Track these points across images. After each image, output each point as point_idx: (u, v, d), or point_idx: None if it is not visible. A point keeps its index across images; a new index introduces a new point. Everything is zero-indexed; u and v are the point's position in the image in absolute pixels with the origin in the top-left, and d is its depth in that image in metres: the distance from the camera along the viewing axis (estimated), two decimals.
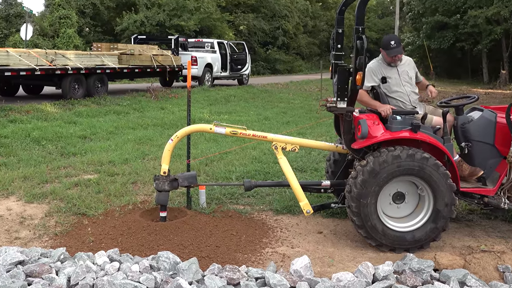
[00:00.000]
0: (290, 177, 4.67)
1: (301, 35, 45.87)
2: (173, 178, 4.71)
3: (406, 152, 4.27)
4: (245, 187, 4.94)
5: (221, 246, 4.34)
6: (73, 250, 4.18)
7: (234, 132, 4.79)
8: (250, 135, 4.82)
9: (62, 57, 13.70)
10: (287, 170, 4.70)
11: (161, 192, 4.67)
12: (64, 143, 8.50)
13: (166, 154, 4.69)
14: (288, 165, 4.74)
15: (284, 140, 4.84)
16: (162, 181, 4.66)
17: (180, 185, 4.76)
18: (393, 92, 4.90)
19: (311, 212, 4.63)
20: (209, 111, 13.66)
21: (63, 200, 5.54)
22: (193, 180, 4.79)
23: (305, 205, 4.62)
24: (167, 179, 4.67)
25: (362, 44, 4.21)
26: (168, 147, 4.70)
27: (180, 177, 4.74)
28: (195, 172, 4.91)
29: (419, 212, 4.47)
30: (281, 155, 4.79)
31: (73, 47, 26.69)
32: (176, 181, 4.73)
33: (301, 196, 4.63)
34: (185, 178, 4.76)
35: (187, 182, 4.77)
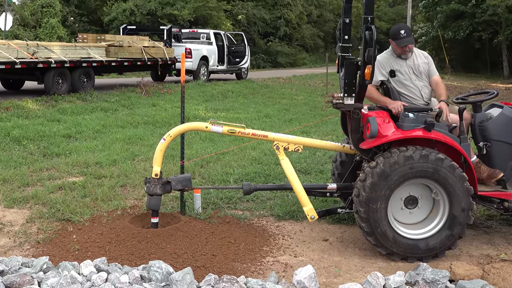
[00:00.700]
0: (293, 180, 4.68)
1: (305, 25, 45.89)
2: (165, 181, 4.72)
3: (419, 152, 4.27)
4: (244, 190, 4.94)
5: (217, 254, 4.34)
6: (56, 259, 4.18)
7: (232, 131, 4.80)
8: (249, 134, 4.83)
9: (45, 49, 13.70)
10: (289, 172, 4.70)
11: (152, 196, 4.67)
12: (46, 142, 8.51)
13: (158, 154, 4.70)
14: (291, 167, 4.74)
15: (287, 140, 4.85)
16: (153, 184, 4.66)
17: (173, 189, 4.76)
18: (404, 87, 4.91)
19: (316, 218, 4.64)
20: (205, 108, 13.67)
21: (45, 205, 5.54)
22: (187, 183, 4.79)
23: (310, 210, 4.62)
24: (159, 182, 4.67)
25: (371, 35, 4.21)
26: (160, 147, 4.71)
27: (173, 179, 4.74)
28: (189, 175, 4.91)
29: (434, 218, 4.48)
30: (283, 156, 4.79)
31: (56, 38, 26.69)
32: (169, 184, 4.73)
33: (305, 201, 4.64)
34: (179, 181, 4.76)
35: (181, 185, 4.77)
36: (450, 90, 19.87)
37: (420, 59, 4.99)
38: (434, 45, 35.61)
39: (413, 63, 4.94)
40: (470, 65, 36.58)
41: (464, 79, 29.88)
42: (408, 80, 4.91)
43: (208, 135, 9.41)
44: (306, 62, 43.53)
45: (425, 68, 4.97)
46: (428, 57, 5.05)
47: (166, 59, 18.23)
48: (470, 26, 32.43)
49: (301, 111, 14.01)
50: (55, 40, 25.66)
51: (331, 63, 24.36)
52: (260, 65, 37.27)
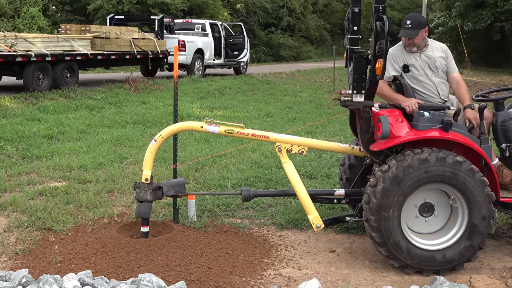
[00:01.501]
0: (296, 185, 4.68)
1: (310, 15, 45.90)
2: (156, 186, 4.72)
3: (435, 155, 4.27)
4: (243, 196, 4.95)
5: (214, 267, 4.34)
6: (37, 272, 4.18)
7: (229, 131, 4.80)
8: (248, 135, 4.83)
9: (24, 41, 13.70)
10: (293, 177, 4.70)
11: (142, 203, 4.67)
12: (26, 144, 8.51)
13: (149, 157, 4.70)
14: (295, 171, 4.74)
15: (290, 141, 4.85)
16: (143, 190, 4.67)
17: (165, 195, 4.76)
18: (418, 83, 4.91)
19: (322, 226, 4.64)
20: (200, 105, 13.68)
21: (25, 212, 5.54)
22: (181, 189, 4.80)
23: (315, 218, 4.63)
24: (149, 187, 4.68)
25: (383, 26, 4.21)
26: (151, 149, 4.71)
27: (166, 185, 4.75)
28: (183, 179, 4.92)
29: (451, 227, 4.48)
30: (286, 158, 4.80)
31: (37, 29, 26.68)
32: (160, 190, 4.73)
33: (310, 208, 4.64)
34: (171, 186, 4.77)
35: (174, 191, 4.77)
36: (470, 87, 19.88)
37: (437, 52, 4.98)
38: (452, 37, 35.62)
39: (429, 57, 4.95)
40: (491, 59, 36.60)
41: (484, 74, 29.91)
42: (424, 76, 4.92)
43: (204, 136, 9.41)
44: (311, 56, 43.53)
45: (442, 63, 4.96)
46: (446, 50, 5.05)
47: (157, 52, 18.24)
48: (491, 16, 32.41)
49: (306, 109, 14.02)
50: (35, 31, 25.66)
51: (338, 57, 24.35)
52: (260, 58, 37.28)
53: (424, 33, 4.91)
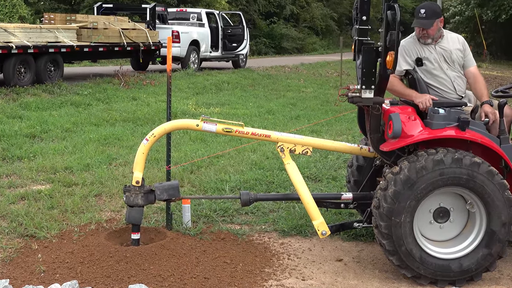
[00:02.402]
0: (300, 189, 4.69)
1: (315, 4, 45.92)
2: (148, 190, 4.73)
3: (451, 155, 4.28)
4: (242, 201, 4.96)
5: (210, 277, 4.35)
6: (18, 282, 4.19)
7: (227, 129, 4.81)
8: (248, 134, 4.84)
9: (4, 31, 13.71)
10: (296, 180, 4.71)
11: (133, 207, 4.68)
12: (6, 143, 8.52)
13: (140, 158, 4.71)
14: (298, 173, 4.75)
15: (293, 141, 4.86)
16: (134, 194, 4.67)
17: (158, 199, 4.78)
18: (433, 77, 4.92)
19: (328, 233, 4.65)
20: (195, 102, 13.70)
21: (5, 218, 5.55)
22: (175, 192, 4.81)
23: (320, 224, 4.64)
24: (140, 190, 4.69)
25: (394, 15, 4.22)
26: (142, 149, 4.72)
27: (158, 188, 4.76)
28: (177, 182, 4.93)
29: (468, 234, 4.49)
30: (289, 159, 4.81)
31: (18, 18, 26.67)
32: (152, 194, 4.75)
33: (315, 213, 4.65)
34: (164, 190, 4.78)
35: (167, 195, 4.78)
36: (489, 81, 19.91)
37: (453, 44, 4.99)
38: (469, 27, 35.61)
39: (444, 49, 4.95)
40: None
41: (505, 68, 29.93)
42: (438, 70, 4.92)
43: (200, 135, 9.42)
44: (316, 48, 43.54)
45: (459, 55, 4.97)
46: (463, 43, 5.05)
47: (149, 44, 18.25)
48: None
49: (311, 106, 14.04)
50: (16, 21, 25.64)
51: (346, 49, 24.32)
52: (261, 51, 37.30)
53: (439, 23, 4.92)
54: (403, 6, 46.82)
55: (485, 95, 4.84)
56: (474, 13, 32.59)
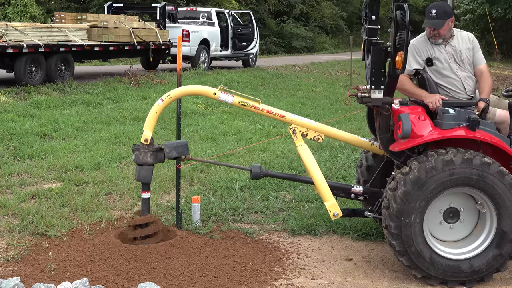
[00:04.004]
0: (313, 170, 4.67)
1: (325, 3, 45.82)
2: (157, 148, 4.70)
3: (461, 156, 4.27)
4: (253, 173, 4.92)
5: (220, 276, 4.36)
6: (29, 280, 4.22)
7: (244, 103, 4.78)
8: (263, 111, 4.82)
9: (15, 31, 13.77)
10: (309, 161, 4.69)
11: (142, 166, 4.67)
12: (17, 142, 8.57)
13: (152, 117, 4.70)
14: (310, 154, 4.74)
15: (306, 125, 4.85)
16: (143, 152, 4.65)
17: (167, 157, 4.74)
18: (443, 77, 4.90)
19: (340, 215, 4.64)
20: (205, 101, 13.70)
21: (16, 216, 5.59)
22: (184, 150, 4.78)
23: (333, 206, 4.63)
24: (149, 149, 4.66)
25: (404, 15, 4.21)
26: (156, 108, 4.71)
27: (167, 146, 4.72)
28: (186, 141, 4.90)
29: (479, 235, 4.48)
30: (300, 141, 4.80)
31: (29, 18, 26.80)
32: (161, 152, 4.71)
33: (327, 195, 4.64)
34: (173, 148, 4.74)
35: (176, 153, 4.75)
36: (500, 81, 19.79)
37: (463, 44, 4.97)
38: (480, 25, 35.36)
39: (454, 49, 4.94)
40: None
41: None
42: (448, 70, 4.91)
43: (209, 134, 9.44)
44: (326, 47, 43.45)
45: (469, 55, 4.95)
46: (473, 41, 5.03)
47: (159, 43, 18.28)
48: None
49: (320, 105, 14.02)
50: (27, 20, 25.76)
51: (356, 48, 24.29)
52: (271, 50, 37.27)
53: (450, 23, 4.90)
54: (413, 5, 46.66)
55: (486, 93, 4.81)
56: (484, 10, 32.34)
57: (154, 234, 4.72)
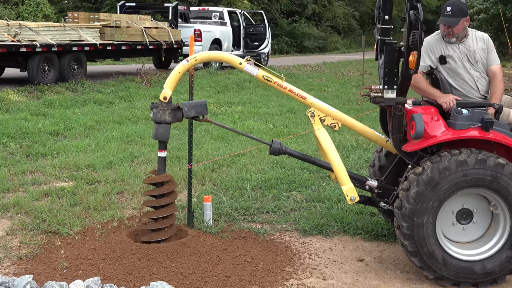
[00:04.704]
0: (331, 153, 4.64)
1: (337, 3, 45.76)
2: (176, 107, 4.69)
3: (474, 156, 4.25)
4: (272, 148, 4.88)
5: (231, 276, 4.36)
6: (42, 278, 4.24)
7: (268, 78, 4.75)
8: (286, 89, 4.78)
9: (29, 30, 13.87)
10: (327, 144, 4.66)
11: (160, 124, 4.67)
12: (30, 141, 8.62)
13: (174, 76, 4.68)
14: (329, 138, 4.70)
15: (325, 110, 4.81)
16: (162, 110, 4.64)
17: (185, 116, 4.73)
18: (456, 76, 4.88)
19: (357, 199, 4.61)
20: (217, 100, 13.73)
21: (29, 214, 5.62)
22: (203, 110, 4.77)
23: (350, 190, 4.60)
24: (168, 107, 4.65)
25: (417, 15, 4.20)
26: (180, 68, 4.69)
27: (186, 105, 4.71)
28: (205, 101, 4.88)
29: (492, 236, 4.45)
30: (318, 125, 4.77)
31: (42, 17, 26.97)
32: (180, 111, 4.70)
33: (345, 179, 4.62)
34: (192, 107, 4.72)
35: (195, 112, 4.73)
36: None
37: (477, 43, 4.94)
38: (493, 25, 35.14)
39: (468, 48, 4.91)
40: None
41: None
42: (462, 69, 4.88)
43: (221, 134, 9.44)
44: (338, 47, 43.40)
45: (483, 55, 4.92)
46: (487, 40, 4.99)
47: (171, 42, 18.34)
48: None
49: (332, 105, 13.69)
50: (40, 19, 25.92)
51: (368, 48, 24.23)
52: (283, 50, 37.26)
53: (465, 22, 4.88)
54: (426, 5, 46.46)
55: (496, 97, 4.77)
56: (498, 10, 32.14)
57: (170, 194, 4.74)
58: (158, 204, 4.71)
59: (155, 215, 4.73)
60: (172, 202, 4.77)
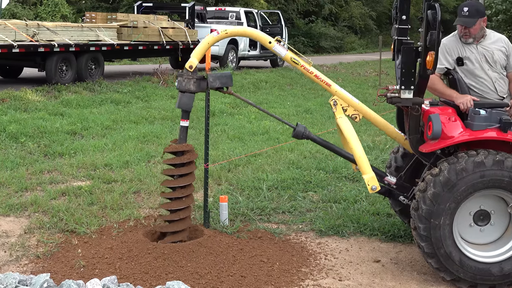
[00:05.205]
0: (353, 142, 4.62)
1: (354, 3, 45.60)
2: (201, 76, 4.71)
3: (492, 157, 4.22)
4: (296, 131, 4.87)
5: (247, 276, 4.37)
6: (59, 276, 4.27)
7: (295, 60, 4.73)
8: (312, 74, 4.76)
9: (47, 30, 13.96)
10: (349, 133, 4.64)
11: (184, 93, 4.70)
12: (48, 140, 8.68)
13: (202, 47, 4.69)
14: (351, 127, 4.69)
15: (349, 101, 4.78)
16: (187, 79, 4.66)
17: (210, 87, 4.76)
18: (474, 77, 4.84)
19: (378, 189, 4.60)
20: (233, 101, 13.72)
21: (46, 213, 5.66)
22: (228, 81, 4.79)
23: (371, 179, 4.59)
24: (193, 76, 4.67)
25: (435, 15, 4.18)
26: (209, 39, 4.70)
27: (211, 75, 4.73)
28: (230, 72, 4.88)
29: (510, 237, 4.43)
30: (340, 113, 4.75)
31: (60, 17, 27.15)
32: (205, 81, 4.73)
33: (367, 168, 4.61)
34: (217, 77, 4.75)
35: (219, 83, 4.76)
36: None
37: (495, 44, 4.91)
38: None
39: (486, 49, 4.88)
40: None
41: None
42: (480, 70, 4.85)
43: (237, 134, 9.45)
44: (355, 47, 43.24)
45: (501, 56, 4.88)
46: (507, 43, 4.95)
47: (188, 42, 18.37)
48: None
49: None
50: (58, 19, 26.11)
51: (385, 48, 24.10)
52: (299, 50, 37.16)
53: (482, 22, 4.84)
54: (444, 4, 46.16)
55: None
56: None
57: (190, 163, 4.78)
58: (178, 173, 4.75)
59: (174, 184, 4.76)
60: (192, 172, 4.80)
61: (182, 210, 4.74)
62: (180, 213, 4.72)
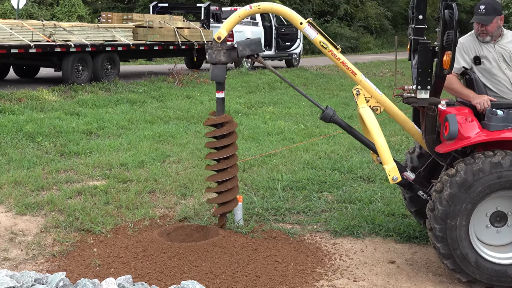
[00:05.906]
0: (375, 132, 4.59)
1: (370, 3, 45.46)
2: (231, 46, 4.72)
3: (509, 158, 4.19)
4: (325, 113, 4.84)
5: (262, 276, 4.37)
6: (74, 275, 4.30)
7: (324, 44, 4.72)
8: (339, 60, 4.74)
9: (63, 30, 14.06)
10: (372, 123, 4.60)
11: (216, 65, 4.71)
12: (64, 139, 8.74)
13: (233, 19, 4.70)
14: (374, 117, 4.64)
15: (372, 91, 4.74)
16: (216, 50, 4.68)
17: (240, 55, 4.75)
18: (491, 77, 4.81)
19: (399, 179, 4.57)
20: (248, 101, 13.75)
21: (62, 212, 5.70)
22: (257, 47, 4.79)
23: (392, 169, 4.56)
24: (223, 47, 4.68)
25: (452, 14, 4.15)
26: (241, 12, 4.71)
27: (240, 44, 4.73)
28: (259, 38, 4.88)
29: None
30: (363, 103, 4.72)
31: (76, 18, 27.34)
32: (235, 50, 4.73)
33: (388, 158, 4.57)
34: (247, 45, 4.75)
35: (249, 50, 4.76)
36: None
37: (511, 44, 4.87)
38: None
39: (504, 48, 4.84)
40: None
41: None
42: (497, 69, 4.81)
43: (252, 134, 9.46)
44: (370, 47, 43.11)
45: None
46: None
47: (203, 42, 18.40)
48: None
49: None
50: (74, 20, 26.29)
51: (401, 48, 24.05)
52: (314, 50, 37.06)
53: (499, 20, 4.81)
54: (461, 4, 45.88)
55: None
56: None
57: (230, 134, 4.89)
58: (219, 145, 4.86)
59: (217, 156, 4.88)
60: (234, 142, 4.90)
61: (229, 181, 4.89)
62: (227, 183, 4.88)
